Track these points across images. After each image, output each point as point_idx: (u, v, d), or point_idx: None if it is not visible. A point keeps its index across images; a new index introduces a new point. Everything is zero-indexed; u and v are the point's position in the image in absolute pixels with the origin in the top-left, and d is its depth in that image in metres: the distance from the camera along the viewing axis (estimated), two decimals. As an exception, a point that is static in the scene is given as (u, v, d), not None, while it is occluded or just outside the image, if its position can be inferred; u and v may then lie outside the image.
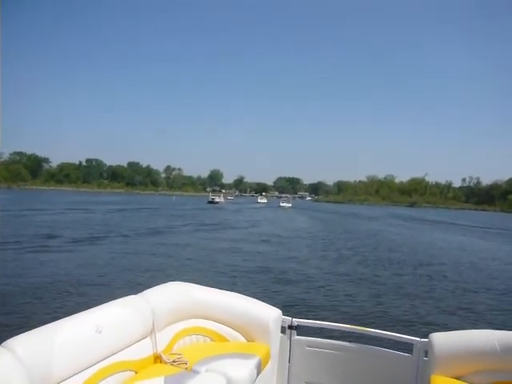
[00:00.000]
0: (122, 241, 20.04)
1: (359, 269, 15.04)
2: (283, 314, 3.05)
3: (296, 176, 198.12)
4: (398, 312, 9.47)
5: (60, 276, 11.51)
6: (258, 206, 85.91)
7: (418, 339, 2.75)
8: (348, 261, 16.80)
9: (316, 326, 3.06)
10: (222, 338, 2.94)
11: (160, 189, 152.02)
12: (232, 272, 13.32)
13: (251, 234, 26.02)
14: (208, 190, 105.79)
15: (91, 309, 2.38)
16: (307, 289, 11.39)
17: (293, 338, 3.03)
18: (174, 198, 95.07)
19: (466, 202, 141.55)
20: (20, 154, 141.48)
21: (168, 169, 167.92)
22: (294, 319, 3.05)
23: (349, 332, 3.01)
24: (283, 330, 3.04)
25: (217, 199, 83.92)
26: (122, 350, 2.38)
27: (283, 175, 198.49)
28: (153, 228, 27.05)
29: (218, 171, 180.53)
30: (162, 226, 28.46)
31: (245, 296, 3.15)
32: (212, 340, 2.95)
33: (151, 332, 2.63)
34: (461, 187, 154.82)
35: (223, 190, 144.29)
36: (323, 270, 14.63)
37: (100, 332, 2.22)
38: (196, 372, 2.44)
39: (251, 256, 16.92)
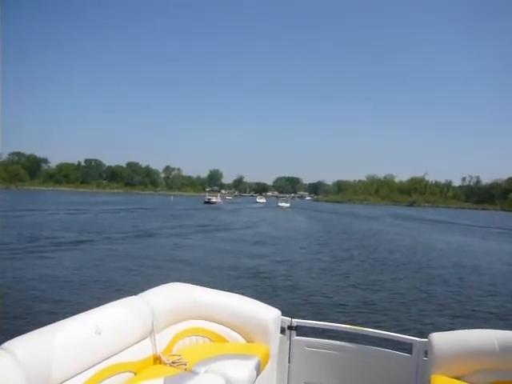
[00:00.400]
0: (113, 243, 19.68)
1: (358, 269, 15.04)
2: (282, 315, 3.05)
3: (296, 176, 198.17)
4: (398, 312, 9.48)
5: (55, 278, 11.46)
6: (256, 205, 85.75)
7: (418, 339, 2.74)
8: (347, 262, 16.79)
9: (315, 326, 3.06)
10: (222, 339, 2.94)
11: (159, 189, 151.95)
12: (229, 273, 13.31)
13: (246, 235, 25.80)
14: (207, 190, 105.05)
15: (90, 310, 2.37)
16: (306, 290, 11.38)
17: (292, 339, 3.03)
18: (172, 198, 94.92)
19: (466, 201, 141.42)
20: (18, 154, 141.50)
21: (167, 169, 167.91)
22: (293, 320, 3.04)
23: (348, 332, 3.01)
24: (283, 331, 3.03)
25: (213, 199, 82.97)
26: (122, 351, 2.37)
27: (283, 175, 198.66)
28: (144, 229, 26.63)
29: (218, 171, 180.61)
30: (154, 227, 28.15)
31: (244, 297, 3.15)
32: (211, 341, 2.94)
33: (151, 333, 2.62)
34: (461, 186, 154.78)
35: (222, 190, 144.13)
36: (322, 270, 14.63)
37: (99, 333, 2.22)
38: (195, 373, 2.43)
39: (247, 257, 16.90)
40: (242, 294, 3.21)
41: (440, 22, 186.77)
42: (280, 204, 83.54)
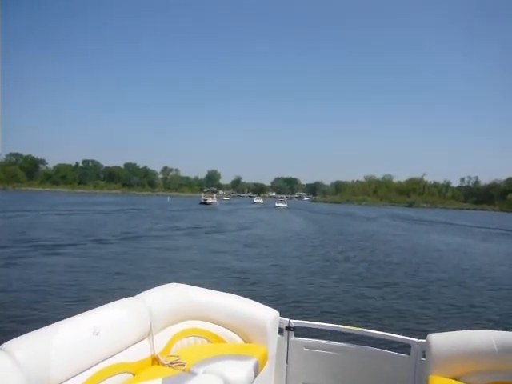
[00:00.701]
0: (105, 244, 19.22)
1: (356, 270, 15.02)
2: (280, 315, 3.05)
3: (294, 176, 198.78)
4: (396, 313, 9.47)
5: (51, 280, 11.33)
6: (253, 206, 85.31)
7: (416, 340, 2.75)
8: (344, 263, 16.75)
9: (313, 327, 3.05)
10: (220, 340, 2.94)
11: (157, 190, 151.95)
12: (225, 275, 13.25)
13: (241, 237, 25.43)
14: (205, 190, 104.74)
15: (88, 311, 2.37)
16: (304, 291, 11.35)
17: (290, 339, 3.03)
18: (168, 198, 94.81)
19: (465, 202, 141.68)
20: (16, 155, 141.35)
21: (165, 170, 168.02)
22: (291, 320, 3.04)
23: (346, 333, 3.01)
24: (281, 331, 3.03)
25: (209, 200, 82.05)
26: (120, 352, 2.37)
27: (281, 175, 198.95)
28: (137, 231, 26.15)
29: (216, 172, 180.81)
30: (147, 229, 27.81)
31: (242, 297, 3.15)
32: (209, 341, 2.94)
33: (149, 334, 2.62)
34: (459, 187, 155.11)
35: (220, 191, 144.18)
36: (319, 271, 14.62)
37: (97, 334, 2.22)
38: (193, 374, 2.43)
39: (243, 259, 16.82)
40: (240, 294, 3.20)
41: (440, 22, 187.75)
42: (277, 205, 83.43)
